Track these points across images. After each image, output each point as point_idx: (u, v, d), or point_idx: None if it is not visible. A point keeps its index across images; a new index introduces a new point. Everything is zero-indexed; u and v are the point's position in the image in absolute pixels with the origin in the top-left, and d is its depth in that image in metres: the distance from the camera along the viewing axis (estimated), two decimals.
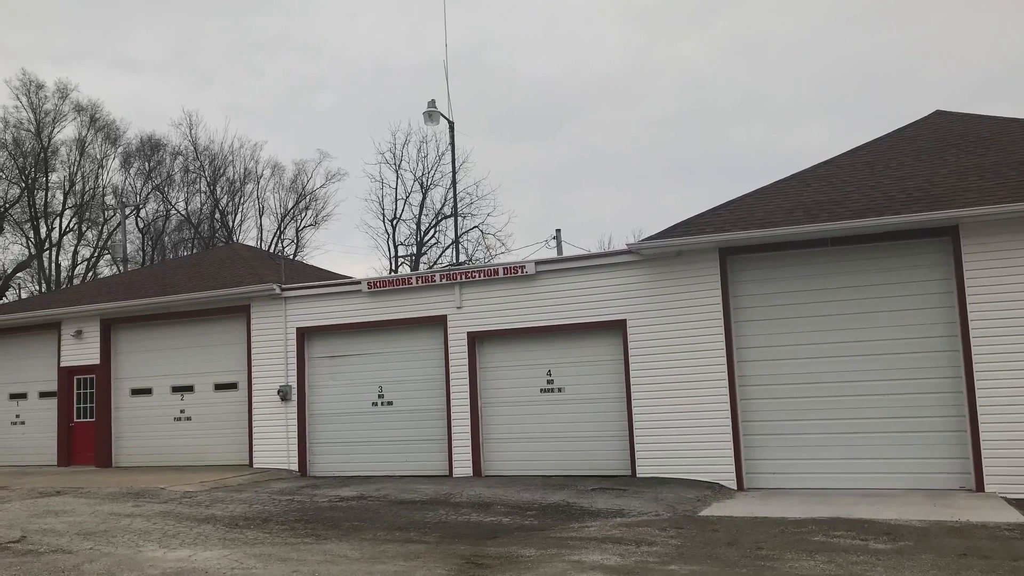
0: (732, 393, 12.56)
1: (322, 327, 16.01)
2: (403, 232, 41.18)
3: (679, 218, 13.76)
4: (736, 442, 12.45)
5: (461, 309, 14.82)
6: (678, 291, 13.14)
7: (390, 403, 15.47)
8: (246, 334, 16.71)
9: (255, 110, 62.41)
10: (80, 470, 17.52)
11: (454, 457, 14.59)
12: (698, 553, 7.78)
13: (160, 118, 64.38)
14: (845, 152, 14.67)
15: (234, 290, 16.53)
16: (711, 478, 12.50)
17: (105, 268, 44.37)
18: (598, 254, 15.01)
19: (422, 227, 40.42)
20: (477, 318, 14.69)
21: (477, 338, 14.72)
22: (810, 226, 11.85)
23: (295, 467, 15.78)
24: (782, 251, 12.55)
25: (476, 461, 14.41)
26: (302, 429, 15.91)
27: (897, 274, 12.06)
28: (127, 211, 41.27)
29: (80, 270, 44.25)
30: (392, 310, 15.40)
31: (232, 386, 17.09)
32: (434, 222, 40.38)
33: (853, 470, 11.88)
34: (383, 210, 41.01)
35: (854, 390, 12.05)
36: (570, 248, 31.81)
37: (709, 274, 12.89)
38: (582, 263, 14.15)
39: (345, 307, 15.81)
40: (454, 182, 25.39)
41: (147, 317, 17.82)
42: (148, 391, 17.96)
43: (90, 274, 43.70)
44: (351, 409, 15.73)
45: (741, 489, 12.26)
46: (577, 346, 14.07)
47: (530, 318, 14.27)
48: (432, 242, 40.63)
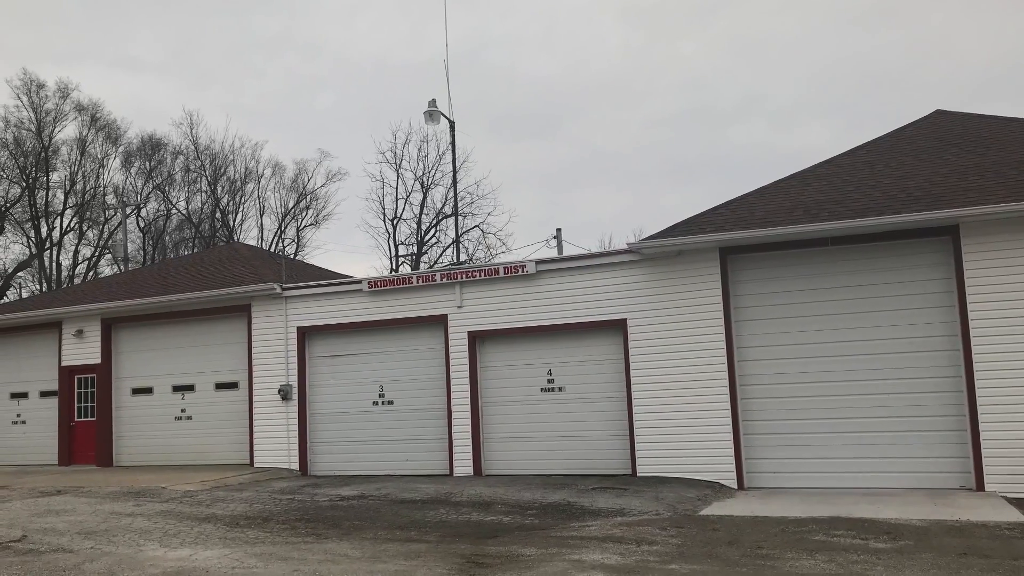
0: (732, 392, 12.57)
1: (323, 326, 16.02)
2: (404, 231, 41.29)
3: (679, 218, 13.78)
4: (736, 441, 12.46)
5: (462, 308, 14.83)
6: (678, 290, 13.15)
7: (391, 402, 15.48)
8: (247, 333, 16.72)
9: (256, 110, 62.52)
10: (81, 469, 17.54)
11: (455, 456, 14.61)
12: (698, 552, 7.79)
13: (161, 118, 64.47)
14: (845, 152, 14.68)
15: (235, 289, 16.54)
16: (711, 477, 12.51)
17: (106, 267, 44.43)
18: (598, 253, 14.99)
19: (423, 226, 40.50)
20: (478, 317, 14.70)
21: (478, 337, 14.73)
22: (810, 226, 11.86)
23: (296, 466, 15.79)
24: (782, 250, 12.56)
25: (477, 460, 14.42)
26: (303, 428, 15.93)
27: (897, 273, 12.06)
28: (128, 210, 41.26)
29: (81, 269, 44.29)
30: (393, 309, 15.41)
31: (233, 385, 17.10)
32: (435, 221, 40.48)
33: (854, 469, 11.89)
34: (384, 209, 41.12)
35: (854, 389, 12.05)
36: (570, 248, 31.88)
37: (709, 273, 12.89)
38: (582, 262, 14.15)
39: (346, 306, 15.82)
40: (455, 181, 25.41)
41: (148, 316, 17.84)
42: (149, 390, 17.98)
43: (91, 273, 43.73)
44: (352, 408, 15.74)
45: (741, 488, 12.27)
46: (577, 345, 14.07)
47: (531, 317, 14.28)
48: (433, 241, 40.72)
